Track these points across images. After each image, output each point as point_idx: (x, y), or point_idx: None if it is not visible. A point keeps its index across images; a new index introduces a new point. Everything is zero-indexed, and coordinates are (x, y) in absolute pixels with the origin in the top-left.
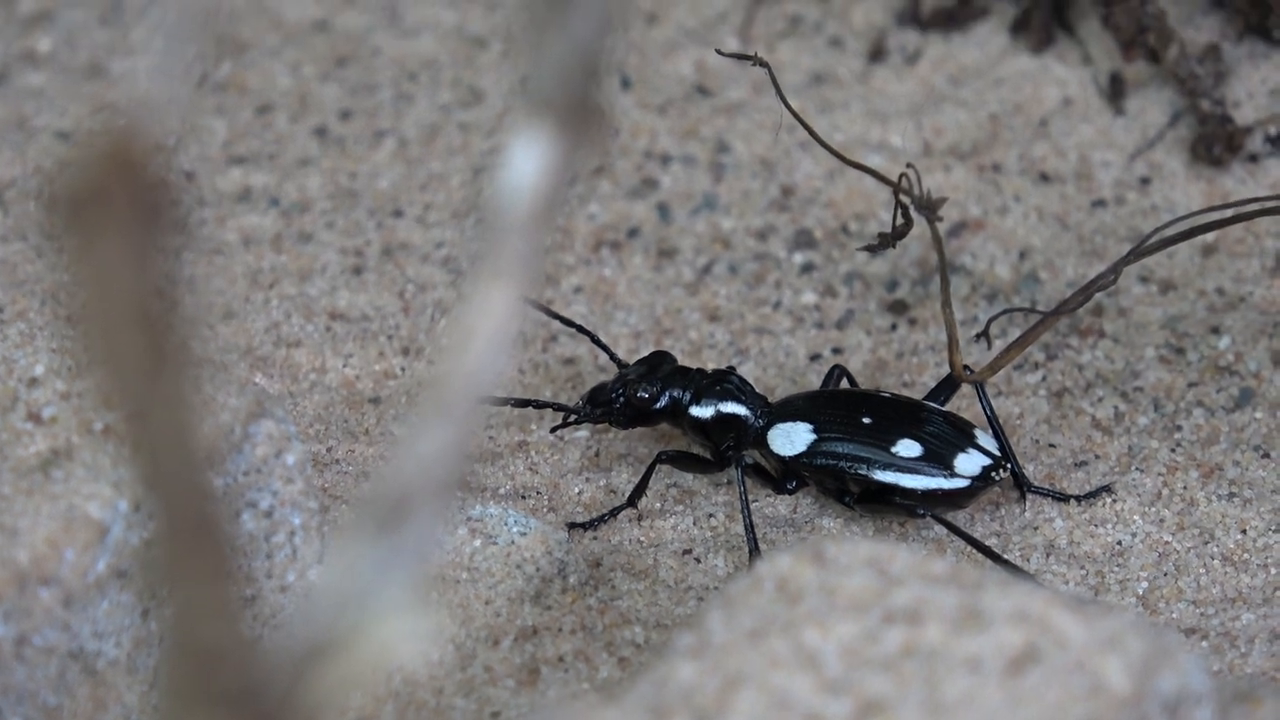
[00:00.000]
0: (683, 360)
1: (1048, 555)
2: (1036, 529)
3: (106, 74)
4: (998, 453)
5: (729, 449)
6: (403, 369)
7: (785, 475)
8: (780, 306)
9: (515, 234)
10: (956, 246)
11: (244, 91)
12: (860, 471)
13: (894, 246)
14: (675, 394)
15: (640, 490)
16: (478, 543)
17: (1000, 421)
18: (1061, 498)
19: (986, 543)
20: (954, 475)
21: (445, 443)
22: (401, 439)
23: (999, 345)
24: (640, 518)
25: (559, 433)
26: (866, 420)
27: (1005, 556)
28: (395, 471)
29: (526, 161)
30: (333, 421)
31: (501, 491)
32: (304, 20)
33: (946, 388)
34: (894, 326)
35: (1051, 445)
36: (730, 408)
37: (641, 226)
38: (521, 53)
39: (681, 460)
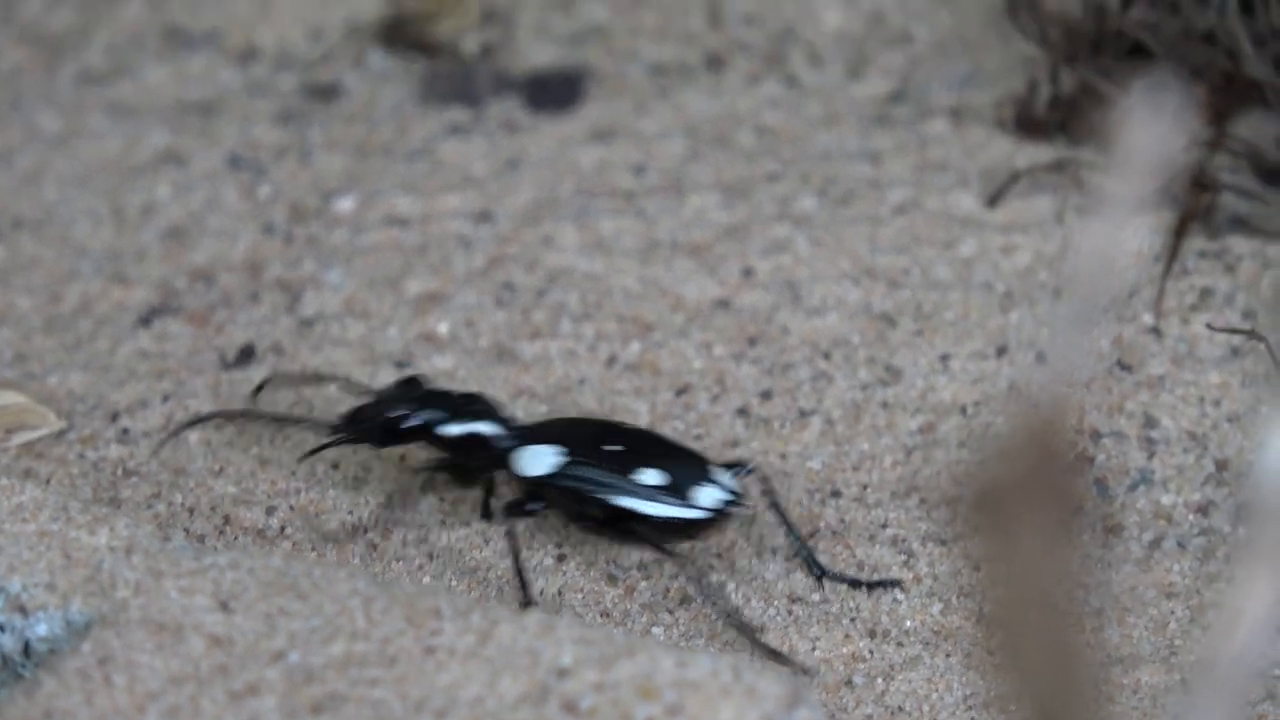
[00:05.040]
0: None
1: None
2: None
3: (517, 357)
4: (737, 491)
5: (478, 469)
6: (870, 652)
7: (529, 496)
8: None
9: (1273, 519)
10: None
11: (657, 373)
12: (600, 495)
13: None
14: (428, 414)
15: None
16: None
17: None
18: (854, 583)
19: None
20: (691, 506)
21: None
22: None
23: None
24: None
25: (313, 456)
26: (612, 448)
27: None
28: None
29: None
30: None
31: None
32: (704, 300)
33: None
34: None
35: None
36: (479, 427)
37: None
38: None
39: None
